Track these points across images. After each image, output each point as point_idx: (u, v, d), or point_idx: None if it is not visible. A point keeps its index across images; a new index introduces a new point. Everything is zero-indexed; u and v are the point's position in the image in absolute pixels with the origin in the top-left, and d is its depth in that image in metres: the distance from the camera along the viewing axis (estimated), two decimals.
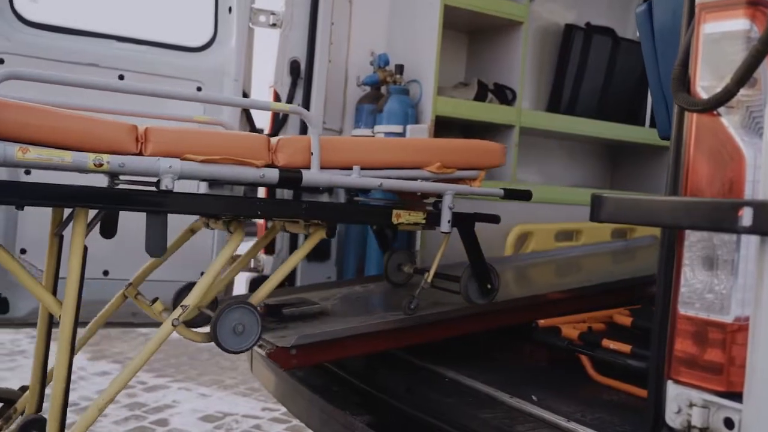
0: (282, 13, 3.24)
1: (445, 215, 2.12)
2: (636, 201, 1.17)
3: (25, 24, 2.75)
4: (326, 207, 2.03)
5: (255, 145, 1.83)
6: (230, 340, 1.79)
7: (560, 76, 3.97)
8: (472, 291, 2.28)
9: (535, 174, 3.97)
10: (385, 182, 2.00)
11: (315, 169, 1.87)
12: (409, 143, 2.19)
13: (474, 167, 2.23)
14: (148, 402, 4.22)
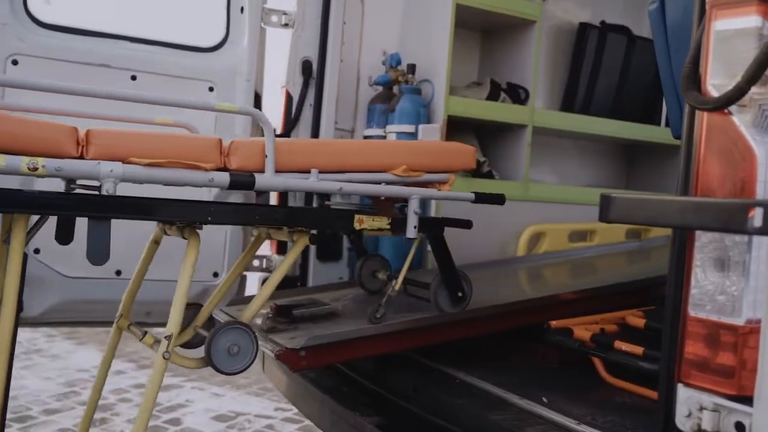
0: (294, 12, 3.24)
1: (411, 220, 2.03)
2: (645, 201, 1.15)
3: (38, 25, 2.77)
4: (282, 212, 1.93)
5: (205, 148, 1.76)
6: (225, 362, 1.76)
7: (574, 76, 3.94)
8: (442, 299, 2.20)
9: (549, 174, 3.94)
10: (345, 186, 1.93)
11: (269, 172, 1.80)
12: (373, 145, 2.14)
13: (444, 170, 2.15)
14: (161, 401, 4.24)
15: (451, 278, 2.19)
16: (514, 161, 3.48)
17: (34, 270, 2.79)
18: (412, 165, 2.05)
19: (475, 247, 3.27)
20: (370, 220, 1.98)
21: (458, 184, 3.17)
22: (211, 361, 1.74)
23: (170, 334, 1.73)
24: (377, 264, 2.59)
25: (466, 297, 2.21)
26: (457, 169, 2.18)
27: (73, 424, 3.75)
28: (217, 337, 1.74)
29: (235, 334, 1.77)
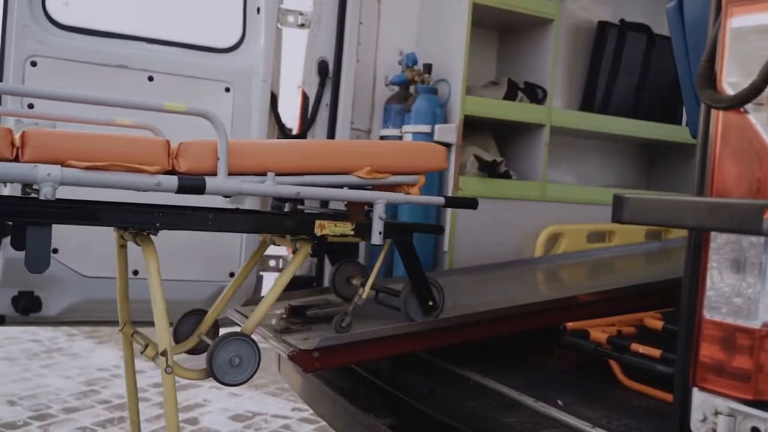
0: (310, 13, 3.24)
1: (376, 226, 1.93)
2: (658, 202, 1.13)
3: (57, 27, 2.80)
4: (234, 217, 1.85)
5: (151, 150, 1.68)
6: (228, 374, 1.75)
7: (593, 75, 3.90)
8: (412, 308, 2.11)
9: (567, 174, 3.91)
10: (303, 190, 1.84)
11: (222, 175, 1.72)
12: (335, 146, 2.04)
13: (412, 171, 2.05)
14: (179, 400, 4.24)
15: (421, 286, 2.09)
16: (532, 161, 3.46)
17: (52, 270, 2.81)
18: (377, 166, 1.96)
19: (492, 248, 3.25)
20: (332, 225, 1.89)
21: (474, 185, 3.17)
22: (213, 374, 1.73)
23: (165, 350, 1.72)
24: (352, 270, 2.46)
25: (438, 306, 2.11)
26: (428, 170, 2.09)
27: (92, 422, 3.78)
28: (218, 349, 1.72)
29: (236, 345, 1.75)
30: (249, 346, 1.77)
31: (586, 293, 2.45)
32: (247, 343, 1.77)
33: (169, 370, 1.73)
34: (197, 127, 2.90)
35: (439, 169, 2.13)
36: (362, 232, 1.93)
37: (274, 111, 3.17)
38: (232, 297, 2.19)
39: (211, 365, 1.72)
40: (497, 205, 3.26)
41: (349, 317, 2.04)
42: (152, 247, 1.78)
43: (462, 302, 2.64)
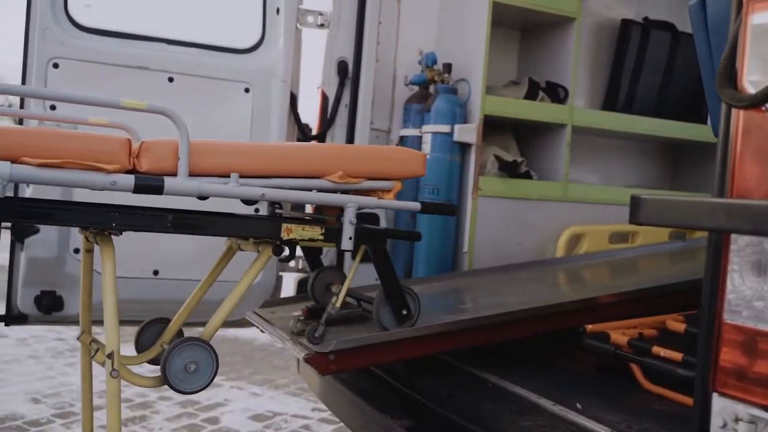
0: (329, 13, 3.23)
1: (346, 231, 1.87)
2: (675, 203, 1.10)
3: (78, 29, 2.83)
4: (195, 218, 1.76)
5: (111, 149, 1.63)
6: (183, 381, 1.69)
7: (616, 74, 3.86)
8: (385, 317, 2.03)
9: (590, 174, 3.87)
10: (268, 192, 1.78)
11: (182, 176, 1.66)
12: (306, 148, 1.95)
13: (388, 177, 1.98)
14: (200, 400, 4.28)
15: (395, 295, 2.01)
16: (553, 161, 3.42)
17: (74, 269, 2.85)
18: (351, 171, 1.90)
19: (513, 249, 3.22)
20: (299, 229, 1.82)
21: (495, 185, 3.15)
22: (166, 380, 1.66)
23: (111, 352, 1.65)
24: (332, 276, 2.38)
25: (412, 315, 2.04)
26: (405, 176, 2.02)
27: None
28: (173, 355, 1.66)
29: (192, 350, 1.69)
30: (206, 352, 1.70)
31: (606, 294, 2.41)
32: (204, 348, 1.70)
33: (114, 373, 1.65)
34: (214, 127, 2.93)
35: (416, 175, 2.05)
36: (332, 237, 1.87)
37: (294, 111, 3.18)
38: (196, 305, 2.11)
39: (164, 371, 1.65)
40: (518, 205, 3.23)
41: (322, 327, 1.97)
42: (111, 248, 1.72)
43: (481, 303, 2.63)
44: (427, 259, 3.15)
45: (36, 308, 2.86)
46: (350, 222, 1.86)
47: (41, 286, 2.84)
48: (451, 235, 3.17)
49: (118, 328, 1.69)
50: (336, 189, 1.90)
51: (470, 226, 3.12)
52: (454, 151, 3.13)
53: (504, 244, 3.20)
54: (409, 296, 2.03)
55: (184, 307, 2.08)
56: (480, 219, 3.12)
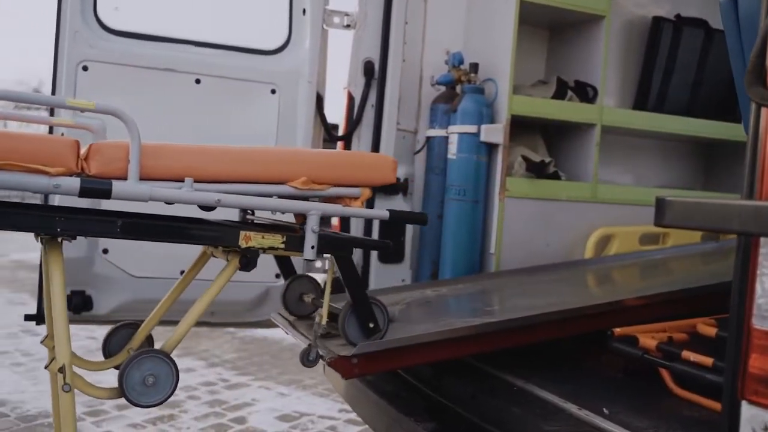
0: (356, 13, 3.23)
1: (308, 240, 1.77)
2: (702, 205, 1.07)
3: (107, 32, 2.85)
4: (147, 225, 1.67)
5: (56, 150, 1.55)
6: (141, 394, 1.62)
7: (647, 72, 3.79)
8: (352, 330, 1.92)
9: (620, 174, 3.80)
10: (225, 198, 1.70)
11: (132, 179, 1.59)
12: (267, 153, 1.86)
13: (356, 184, 1.90)
14: (228, 399, 4.31)
15: (362, 307, 1.91)
16: (582, 161, 3.38)
17: (102, 270, 2.89)
18: (316, 177, 1.82)
19: (541, 250, 3.19)
20: (259, 237, 1.73)
21: (522, 186, 3.11)
22: (123, 392, 1.61)
23: (62, 366, 1.59)
24: (305, 285, 2.30)
25: (380, 328, 1.94)
26: (374, 183, 1.94)
27: (143, 419, 3.85)
28: (131, 367, 1.60)
29: (151, 363, 1.62)
30: (166, 365, 1.64)
31: (635, 297, 2.37)
32: (163, 361, 1.64)
33: (66, 388, 1.59)
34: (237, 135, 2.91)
35: (386, 182, 1.96)
36: (295, 246, 1.78)
37: (320, 112, 3.18)
38: (167, 310, 2.05)
39: (121, 383, 1.60)
40: (546, 206, 3.19)
41: (314, 350, 1.92)
42: (57, 254, 1.64)
43: (508, 305, 2.61)
44: (454, 260, 3.13)
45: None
46: (312, 230, 1.77)
47: (71, 286, 2.88)
48: (477, 236, 3.14)
49: (69, 340, 1.62)
50: (300, 195, 1.82)
51: (497, 227, 3.09)
52: (481, 152, 3.10)
53: (531, 245, 3.16)
54: (377, 308, 1.94)
55: (153, 314, 2.03)
56: (507, 220, 3.09)
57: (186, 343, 5.65)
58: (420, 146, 3.37)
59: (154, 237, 1.68)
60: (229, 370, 4.99)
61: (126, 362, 1.61)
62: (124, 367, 1.60)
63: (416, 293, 2.71)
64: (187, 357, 5.24)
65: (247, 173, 1.76)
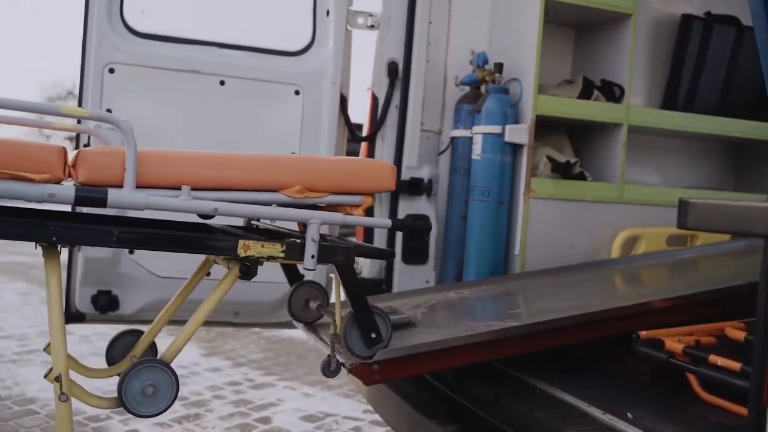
0: (380, 14, 3.22)
1: (309, 249, 1.73)
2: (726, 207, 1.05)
3: (133, 34, 2.88)
4: (144, 234, 1.65)
5: (42, 157, 1.52)
6: (141, 404, 1.60)
7: (676, 71, 3.73)
8: (353, 340, 1.86)
9: (648, 175, 3.75)
10: (222, 206, 1.67)
11: (128, 188, 1.56)
12: (263, 160, 1.81)
13: (354, 192, 1.86)
14: (253, 399, 4.33)
15: (364, 316, 1.86)
16: (609, 162, 3.33)
17: (128, 270, 2.92)
18: (311, 185, 1.79)
19: (566, 251, 3.15)
20: (258, 246, 1.70)
21: (547, 186, 3.08)
22: (123, 403, 1.59)
23: (59, 375, 1.57)
24: (311, 291, 2.27)
25: (382, 338, 1.87)
26: (373, 190, 1.90)
27: (169, 418, 3.88)
28: (130, 377, 1.59)
29: (151, 373, 1.61)
30: (165, 375, 1.62)
31: (661, 299, 2.33)
32: (163, 371, 1.62)
33: (63, 397, 1.57)
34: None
35: (386, 189, 1.92)
36: (294, 254, 1.74)
37: (344, 113, 3.18)
38: (169, 317, 2.05)
39: (121, 394, 1.58)
40: (571, 207, 3.16)
41: (335, 360, 1.90)
42: (55, 263, 1.62)
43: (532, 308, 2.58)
44: (478, 261, 3.11)
45: (93, 307, 2.93)
46: (312, 239, 1.73)
47: (98, 286, 2.91)
48: (502, 237, 3.12)
49: (66, 348, 1.60)
50: (298, 204, 1.79)
51: (522, 228, 3.06)
52: (506, 152, 3.08)
53: (556, 246, 3.13)
54: (380, 318, 1.89)
55: (156, 320, 2.03)
56: (532, 221, 3.06)
57: (213, 342, 5.69)
58: (444, 147, 3.36)
59: (150, 246, 1.67)
60: (254, 369, 5.02)
61: (125, 372, 1.60)
62: (123, 376, 1.59)
63: (439, 296, 2.70)
64: (213, 356, 5.29)
65: (244, 180, 1.74)
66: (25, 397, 4.13)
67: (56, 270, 1.62)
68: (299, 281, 2.24)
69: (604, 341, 2.29)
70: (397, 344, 1.96)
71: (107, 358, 2.03)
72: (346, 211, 1.86)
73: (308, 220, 1.74)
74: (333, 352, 1.92)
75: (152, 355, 2.02)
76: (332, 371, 1.93)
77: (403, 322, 2.20)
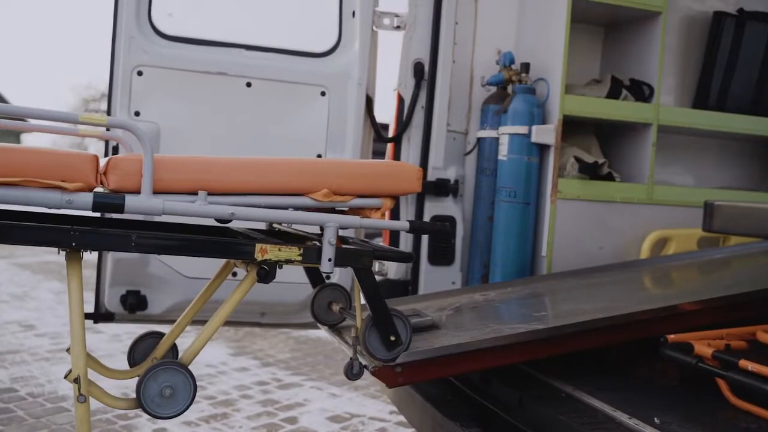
0: (405, 15, 3.22)
1: (326, 252, 1.73)
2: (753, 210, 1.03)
3: (161, 37, 2.92)
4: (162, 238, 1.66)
5: (75, 166, 1.55)
6: (159, 405, 1.63)
7: (708, 69, 3.66)
8: (373, 343, 1.85)
9: (678, 175, 3.69)
10: (239, 211, 1.67)
11: (145, 193, 1.58)
12: (286, 164, 1.80)
13: (379, 194, 1.86)
14: (280, 399, 4.35)
15: (383, 320, 1.84)
16: (638, 162, 3.29)
17: (156, 270, 2.95)
18: (338, 188, 1.78)
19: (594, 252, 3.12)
20: (275, 249, 1.70)
21: (575, 187, 3.05)
22: (141, 404, 1.62)
23: (77, 377, 1.60)
24: (334, 294, 2.25)
25: (402, 341, 1.86)
26: (398, 193, 1.89)
27: (197, 417, 3.92)
28: (148, 379, 1.61)
29: (168, 375, 1.63)
30: (183, 377, 1.64)
31: (690, 302, 2.28)
32: (180, 373, 1.64)
33: (81, 398, 1.59)
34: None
35: (411, 191, 1.91)
36: (312, 258, 1.74)
37: (370, 114, 3.18)
38: (190, 320, 2.06)
39: (139, 395, 1.61)
40: (599, 208, 3.12)
41: (357, 363, 1.90)
42: (76, 266, 1.64)
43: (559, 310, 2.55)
44: (504, 262, 3.09)
45: (122, 307, 2.97)
46: (329, 242, 1.72)
47: (126, 286, 2.95)
48: (529, 238, 3.09)
49: (85, 351, 1.63)
50: (319, 207, 1.80)
51: (549, 229, 3.03)
52: (532, 153, 3.06)
53: (584, 248, 3.10)
54: (399, 321, 1.87)
55: (177, 323, 2.04)
56: (559, 222, 3.04)
57: (241, 342, 5.74)
58: (470, 147, 3.34)
59: (169, 251, 1.68)
60: (282, 369, 5.04)
61: (143, 374, 1.62)
62: (141, 378, 1.61)
63: (464, 297, 2.68)
64: (241, 356, 5.32)
65: (265, 185, 1.74)
66: (57, 395, 4.20)
67: (77, 274, 1.64)
68: (322, 284, 2.25)
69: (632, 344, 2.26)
70: (420, 346, 1.94)
71: (129, 360, 2.05)
72: (364, 214, 1.85)
73: (325, 224, 1.74)
74: (355, 354, 1.92)
75: (173, 356, 2.03)
76: (355, 374, 1.93)
77: (426, 325, 2.18)
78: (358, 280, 1.81)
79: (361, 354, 1.91)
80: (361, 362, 1.91)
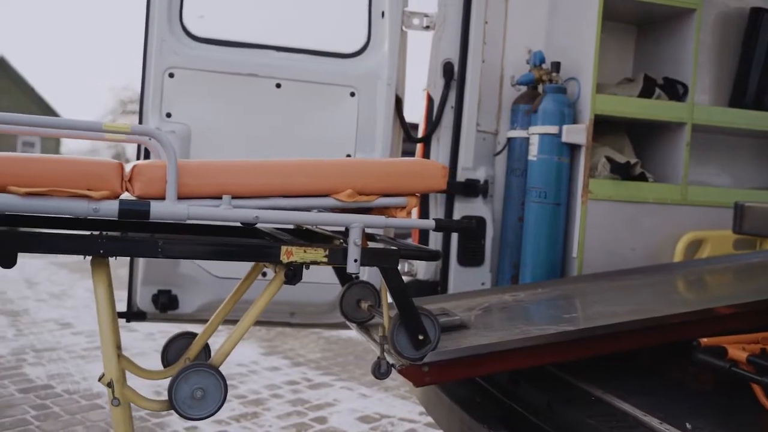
0: (435, 15, 3.21)
1: (351, 253, 1.72)
2: None
3: (192, 39, 2.95)
4: (188, 243, 1.67)
5: (101, 174, 1.56)
6: (191, 407, 1.64)
7: (745, 67, 3.58)
8: (401, 342, 1.84)
9: (713, 176, 3.61)
10: (263, 214, 1.66)
11: (170, 199, 1.59)
12: (310, 165, 1.79)
13: (405, 192, 1.84)
14: (310, 399, 4.37)
15: (411, 319, 1.83)
16: (671, 162, 3.23)
17: (188, 271, 2.98)
18: (362, 188, 1.77)
19: (626, 254, 3.07)
20: (301, 251, 1.69)
21: (606, 188, 3.01)
22: (173, 406, 1.63)
23: (110, 381, 1.62)
24: (362, 292, 2.25)
25: (430, 340, 1.85)
26: (422, 191, 1.88)
27: (227, 416, 3.95)
28: (179, 381, 1.63)
29: (199, 377, 1.64)
30: (214, 378, 1.65)
31: (725, 305, 2.24)
32: (211, 375, 1.65)
33: (115, 402, 1.62)
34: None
35: (436, 189, 1.90)
36: (337, 259, 1.73)
37: (399, 114, 3.17)
38: (222, 321, 2.07)
39: (171, 396, 1.62)
40: (631, 208, 3.07)
41: (385, 362, 1.90)
42: (103, 272, 1.67)
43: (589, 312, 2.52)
44: (534, 263, 3.06)
45: (153, 306, 3.01)
46: (355, 243, 1.71)
47: (158, 285, 2.99)
48: (559, 239, 3.06)
49: (116, 355, 1.65)
50: (344, 208, 1.79)
51: (580, 230, 3.00)
52: (563, 153, 3.02)
53: (616, 249, 3.06)
54: (427, 320, 1.86)
55: (209, 323, 2.06)
56: (590, 223, 3.00)
57: (272, 341, 5.77)
58: (500, 147, 3.32)
59: (194, 256, 1.70)
60: (313, 369, 5.06)
61: (175, 376, 1.63)
62: (173, 380, 1.63)
63: (494, 298, 2.66)
64: (272, 355, 5.36)
65: (289, 187, 1.74)
66: (92, 392, 4.27)
67: (104, 280, 1.66)
68: (351, 281, 2.25)
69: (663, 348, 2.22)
70: (448, 346, 1.94)
71: (162, 360, 2.08)
72: (390, 214, 1.84)
73: (350, 224, 1.73)
74: (382, 353, 1.92)
75: (206, 357, 2.05)
76: (382, 373, 1.92)
77: (455, 324, 2.18)
78: (385, 280, 1.81)
79: (388, 353, 1.91)
80: (388, 361, 1.90)
